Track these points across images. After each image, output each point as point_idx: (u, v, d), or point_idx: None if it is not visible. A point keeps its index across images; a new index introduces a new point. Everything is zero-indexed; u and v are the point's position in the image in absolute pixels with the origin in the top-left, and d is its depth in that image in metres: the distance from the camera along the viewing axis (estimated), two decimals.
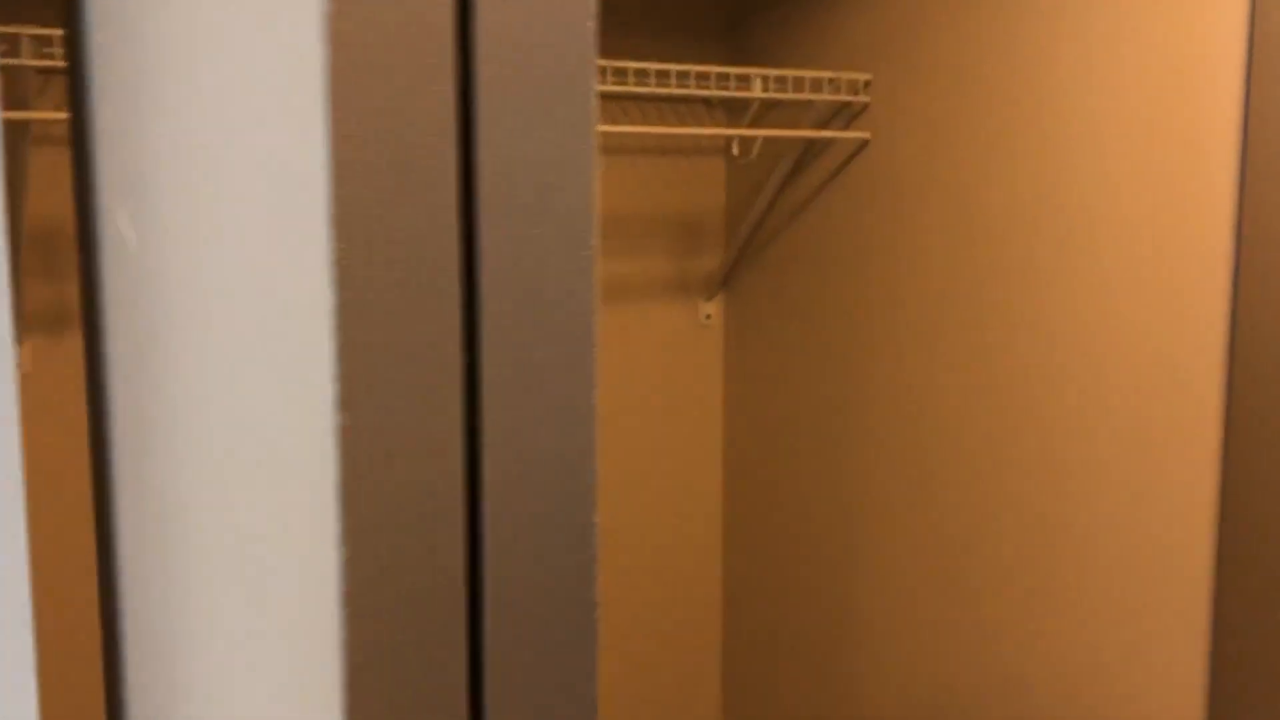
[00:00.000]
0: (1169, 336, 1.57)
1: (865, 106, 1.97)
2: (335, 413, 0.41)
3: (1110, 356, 1.64)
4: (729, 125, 2.22)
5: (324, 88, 0.39)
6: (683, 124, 2.17)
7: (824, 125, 2.05)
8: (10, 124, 1.49)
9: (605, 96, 1.88)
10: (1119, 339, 1.63)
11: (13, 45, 1.44)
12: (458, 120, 0.43)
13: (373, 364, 0.41)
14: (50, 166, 1.67)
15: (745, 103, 2.10)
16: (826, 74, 1.96)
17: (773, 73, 1.92)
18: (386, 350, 0.41)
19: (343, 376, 0.40)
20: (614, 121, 2.08)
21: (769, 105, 2.11)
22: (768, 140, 2.12)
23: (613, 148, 2.14)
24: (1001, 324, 1.79)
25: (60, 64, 1.39)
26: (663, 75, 1.82)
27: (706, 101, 2.18)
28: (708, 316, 2.29)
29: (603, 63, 1.74)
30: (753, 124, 2.15)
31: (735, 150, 2.02)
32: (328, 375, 0.41)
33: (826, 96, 1.96)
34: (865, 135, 1.98)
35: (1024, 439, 1.76)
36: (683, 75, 1.84)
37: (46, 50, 1.41)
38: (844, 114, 2.01)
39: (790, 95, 1.94)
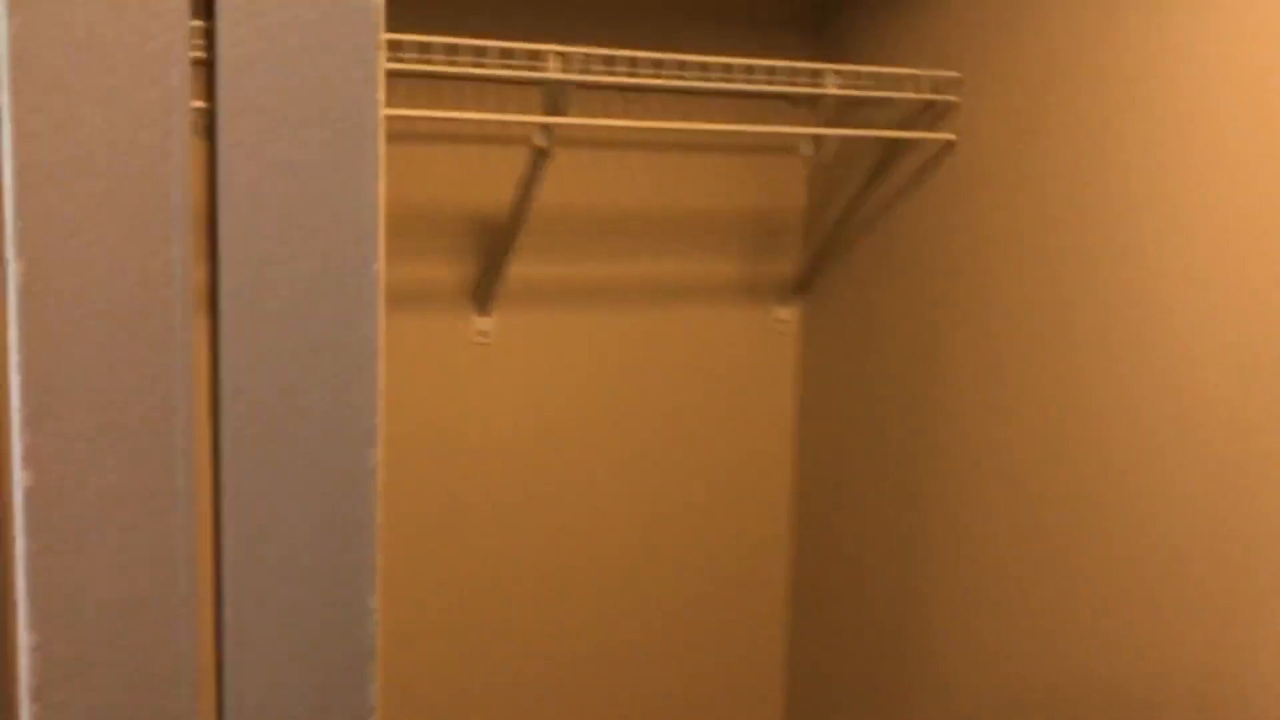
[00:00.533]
0: (1268, 353, 1.42)
1: (953, 106, 1.84)
2: (19, 470, 0.33)
3: (1208, 365, 1.49)
4: (813, 124, 2.10)
5: (4, 48, 0.32)
6: (766, 122, 2.06)
7: (910, 125, 1.92)
8: None
9: (664, 91, 1.78)
10: (1217, 351, 1.48)
11: None
12: (203, 84, 0.35)
13: (66, 410, 0.33)
14: None
15: (827, 100, 1.98)
16: (909, 71, 1.83)
17: (849, 68, 1.80)
18: (85, 395, 0.33)
19: (27, 422, 0.32)
20: (688, 118, 1.98)
21: (855, 104, 1.98)
22: (850, 140, 2.00)
23: (685, 144, 2.04)
24: (1092, 336, 1.64)
25: None
26: (727, 70, 1.71)
27: (789, 99, 2.06)
28: (782, 321, 2.18)
29: (659, 55, 1.64)
30: (835, 123, 2.03)
31: (809, 150, 1.90)
32: (16, 419, 0.33)
33: (907, 95, 1.83)
34: (950, 136, 1.84)
35: (1112, 450, 1.62)
36: (749, 70, 1.73)
37: None
38: (931, 114, 1.88)
39: (866, 92, 1.82)
